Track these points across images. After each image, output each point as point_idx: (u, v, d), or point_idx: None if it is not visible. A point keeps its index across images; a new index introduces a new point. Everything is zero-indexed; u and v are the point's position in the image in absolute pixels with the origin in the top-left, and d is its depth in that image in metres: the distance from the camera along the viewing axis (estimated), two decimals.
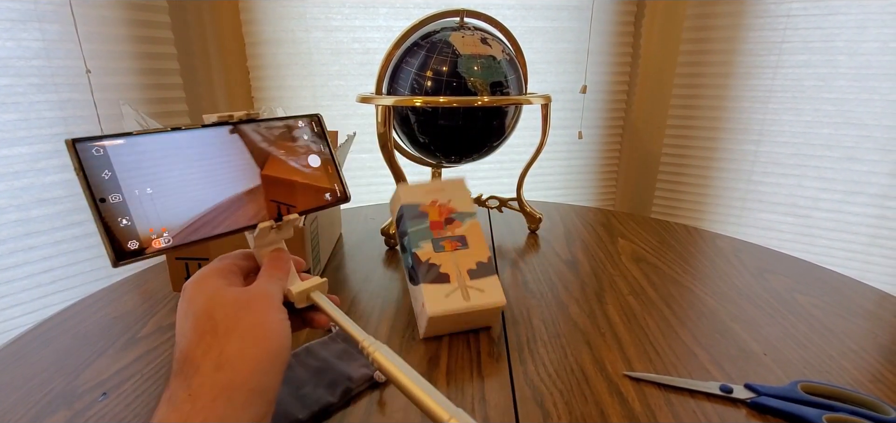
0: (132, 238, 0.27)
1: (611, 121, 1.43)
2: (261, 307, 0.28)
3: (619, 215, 0.84)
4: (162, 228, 0.28)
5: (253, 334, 0.26)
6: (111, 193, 0.27)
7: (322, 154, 0.36)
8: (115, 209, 0.27)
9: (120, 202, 0.27)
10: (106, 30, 0.96)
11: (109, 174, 0.27)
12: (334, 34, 1.20)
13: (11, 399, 0.38)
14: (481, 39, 0.62)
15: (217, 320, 0.26)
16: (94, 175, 0.27)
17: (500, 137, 0.67)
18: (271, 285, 0.30)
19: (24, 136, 0.89)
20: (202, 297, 0.27)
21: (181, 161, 0.29)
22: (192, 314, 0.27)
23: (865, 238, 1.22)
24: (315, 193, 0.35)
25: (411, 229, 0.48)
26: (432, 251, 0.47)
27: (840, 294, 0.55)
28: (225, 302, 0.27)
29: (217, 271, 0.30)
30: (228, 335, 0.25)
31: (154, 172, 0.28)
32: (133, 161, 0.28)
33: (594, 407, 0.37)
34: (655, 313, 0.51)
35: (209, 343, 0.25)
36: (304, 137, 0.35)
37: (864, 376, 0.41)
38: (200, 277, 0.29)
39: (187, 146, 0.30)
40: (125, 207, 0.27)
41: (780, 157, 1.26)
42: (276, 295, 0.29)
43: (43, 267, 0.94)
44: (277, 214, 0.33)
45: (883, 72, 1.11)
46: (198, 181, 0.30)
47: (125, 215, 0.27)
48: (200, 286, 0.28)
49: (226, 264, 0.31)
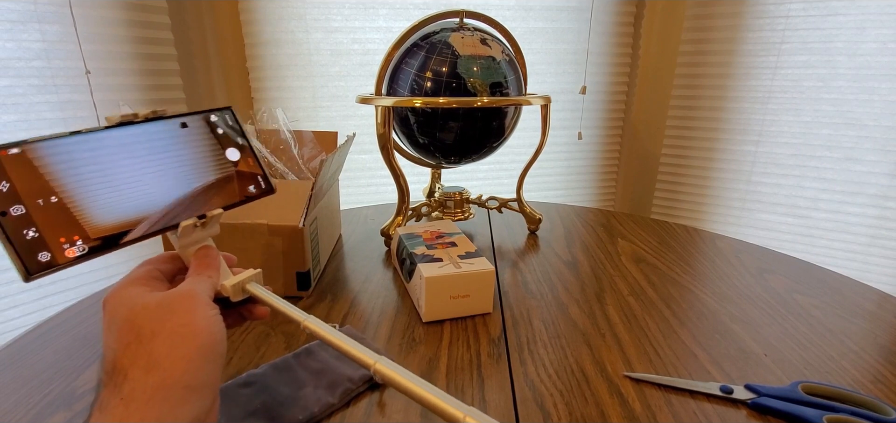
0: (42, 250, 0.25)
1: (610, 121, 1.43)
2: (186, 308, 0.26)
3: (618, 216, 0.84)
4: (74, 236, 0.27)
5: (180, 334, 0.25)
6: (11, 206, 0.25)
7: (241, 147, 0.35)
8: (17, 222, 0.25)
9: (22, 214, 0.25)
10: (106, 31, 0.96)
11: (7, 186, 0.25)
12: (334, 35, 1.20)
13: (11, 400, 0.38)
14: (481, 40, 0.62)
15: (140, 326, 0.25)
16: None
17: (500, 137, 0.67)
18: (197, 283, 0.29)
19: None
20: (123, 307, 0.26)
21: (89, 165, 0.28)
22: (115, 326, 0.26)
23: (865, 239, 1.22)
24: (238, 186, 0.34)
25: (408, 243, 0.55)
26: (426, 251, 0.53)
27: (840, 295, 0.55)
28: (147, 308, 0.26)
29: (137, 279, 0.28)
30: (154, 339, 0.24)
31: (58, 179, 0.27)
32: (32, 170, 0.26)
33: (594, 408, 0.37)
34: (655, 314, 0.51)
35: (135, 351, 0.24)
36: (220, 130, 0.35)
37: (865, 376, 0.41)
38: (119, 287, 0.28)
39: (95, 149, 0.29)
40: (28, 218, 0.25)
41: (779, 157, 1.26)
42: (202, 293, 0.28)
43: None
44: (201, 211, 0.32)
45: (882, 72, 1.11)
46: (111, 184, 0.29)
47: (30, 227, 0.25)
48: (120, 297, 0.27)
49: (146, 270, 0.30)
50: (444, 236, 0.57)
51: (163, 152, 0.31)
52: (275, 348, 0.44)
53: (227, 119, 0.35)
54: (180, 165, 0.32)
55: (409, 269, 0.52)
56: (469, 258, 0.50)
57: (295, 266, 0.52)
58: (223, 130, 0.35)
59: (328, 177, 0.59)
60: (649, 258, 0.65)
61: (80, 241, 0.27)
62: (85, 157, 0.28)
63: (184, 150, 0.32)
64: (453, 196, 0.75)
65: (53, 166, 0.27)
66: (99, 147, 0.29)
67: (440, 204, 0.75)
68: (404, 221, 0.67)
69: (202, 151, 0.33)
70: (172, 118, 0.33)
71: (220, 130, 0.35)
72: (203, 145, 0.33)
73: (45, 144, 0.27)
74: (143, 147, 0.31)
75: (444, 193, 0.75)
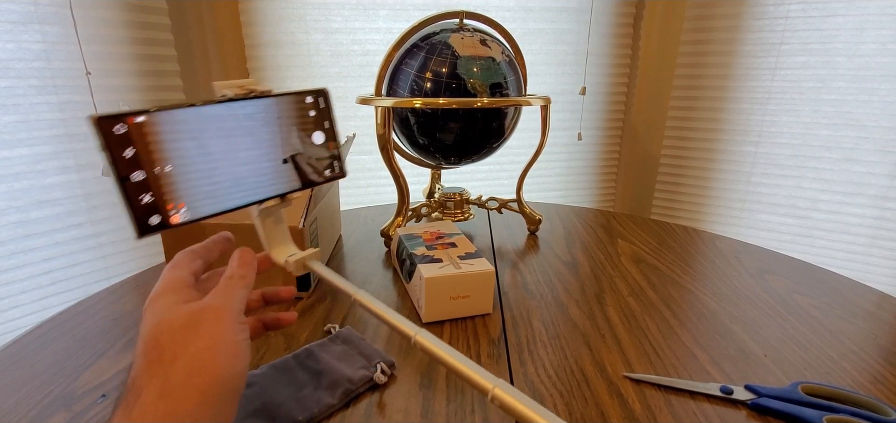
0: (154, 214, 0.28)
1: (610, 122, 1.44)
2: (213, 328, 0.26)
3: (618, 217, 0.84)
4: (180, 203, 0.29)
5: (201, 362, 0.24)
6: (134, 171, 0.28)
7: (326, 131, 0.37)
8: (137, 187, 0.28)
9: (142, 180, 0.28)
10: (106, 32, 0.96)
11: (132, 152, 0.28)
12: (334, 36, 1.20)
13: (11, 401, 0.38)
14: (481, 41, 0.62)
15: (163, 345, 0.25)
16: (118, 154, 0.27)
17: (500, 138, 0.67)
18: (230, 293, 0.28)
19: (24, 137, 0.89)
20: (150, 321, 0.26)
21: (198, 136, 0.31)
22: (142, 339, 0.26)
23: (865, 239, 1.22)
24: (318, 168, 0.36)
25: (408, 244, 0.55)
26: (426, 251, 0.53)
27: (840, 295, 0.55)
28: (172, 325, 0.25)
29: (168, 287, 0.28)
30: (174, 362, 0.24)
31: (173, 149, 0.29)
32: (153, 138, 0.29)
33: (594, 408, 0.37)
34: (655, 315, 0.51)
35: (154, 370, 0.24)
36: (311, 113, 0.37)
37: (864, 377, 0.41)
38: (154, 296, 0.28)
39: (204, 121, 0.31)
40: (147, 184, 0.28)
41: (779, 158, 1.26)
42: (233, 308, 0.27)
43: (42, 268, 0.94)
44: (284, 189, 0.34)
45: (881, 73, 1.11)
46: (212, 156, 0.31)
47: (147, 192, 0.28)
48: (151, 309, 0.27)
49: (177, 275, 0.29)
50: (444, 236, 0.57)
51: (261, 128, 0.34)
52: (275, 349, 0.44)
53: (320, 101, 0.37)
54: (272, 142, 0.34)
55: (409, 269, 0.52)
56: (469, 259, 0.50)
57: None
58: (314, 112, 0.37)
59: None
60: (649, 259, 0.65)
61: (184, 209, 0.30)
62: (196, 128, 0.31)
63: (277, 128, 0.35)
64: (453, 197, 0.75)
65: (170, 135, 0.30)
66: (208, 119, 0.31)
67: (440, 205, 0.75)
68: (404, 221, 0.67)
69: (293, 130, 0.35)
70: (273, 97, 0.35)
71: (312, 113, 0.37)
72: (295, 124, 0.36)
73: (168, 113, 0.29)
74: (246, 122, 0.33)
75: (444, 194, 0.75)
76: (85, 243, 0.99)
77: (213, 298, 0.28)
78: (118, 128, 0.28)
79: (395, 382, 0.40)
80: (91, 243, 0.99)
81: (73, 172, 0.95)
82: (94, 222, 0.99)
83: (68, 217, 0.96)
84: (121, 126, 0.28)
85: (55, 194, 0.94)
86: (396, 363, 0.42)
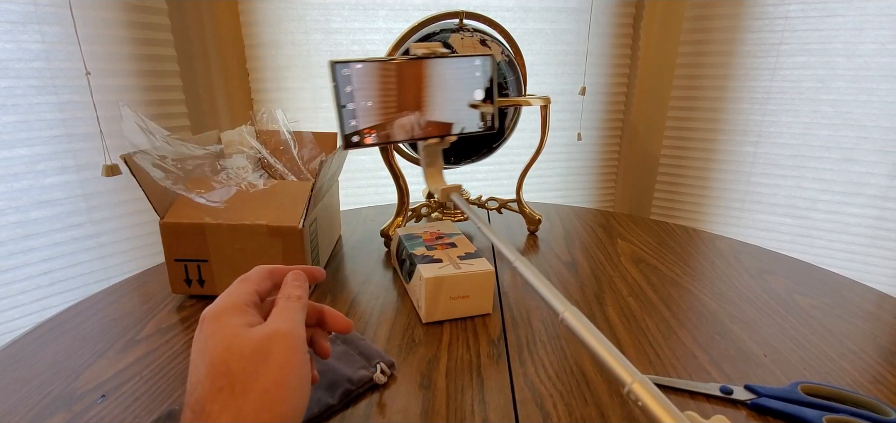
0: (355, 134, 0.43)
1: (610, 122, 1.44)
2: (281, 358, 0.26)
3: (618, 217, 0.84)
4: (371, 130, 0.43)
5: (270, 398, 0.25)
6: (349, 102, 0.41)
7: (487, 90, 0.49)
8: (349, 114, 0.42)
9: (353, 108, 0.42)
10: (106, 32, 0.96)
11: (350, 89, 0.41)
12: (334, 36, 1.20)
13: (10, 402, 0.38)
14: (480, 41, 0.62)
15: (234, 373, 0.25)
16: (341, 88, 0.41)
17: (500, 138, 0.67)
18: (294, 316, 0.29)
19: (23, 138, 0.88)
20: (219, 343, 0.26)
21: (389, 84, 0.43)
22: (208, 359, 0.26)
23: (864, 239, 1.22)
24: (475, 119, 0.49)
25: (408, 244, 0.55)
26: (426, 251, 0.53)
27: (839, 295, 0.55)
28: (242, 352, 0.25)
29: (234, 307, 0.28)
30: (245, 394, 0.24)
31: (374, 90, 0.43)
32: (363, 81, 0.41)
33: (594, 409, 0.37)
34: (655, 315, 0.51)
35: (226, 401, 0.24)
36: (477, 73, 0.48)
37: (864, 377, 0.41)
38: (218, 312, 0.28)
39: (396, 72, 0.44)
40: (355, 112, 0.42)
41: (778, 158, 1.26)
42: (300, 334, 0.28)
43: (42, 269, 0.94)
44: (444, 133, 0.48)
45: (881, 73, 1.11)
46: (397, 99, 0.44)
47: (354, 118, 0.42)
48: (218, 325, 0.27)
49: (244, 293, 0.29)
50: (444, 236, 0.57)
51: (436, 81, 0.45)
52: None
53: (486, 65, 0.48)
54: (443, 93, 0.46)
55: (409, 270, 0.52)
56: (469, 259, 0.50)
57: None
58: (480, 74, 0.48)
59: (328, 178, 0.59)
60: (649, 259, 0.65)
61: (375, 134, 0.44)
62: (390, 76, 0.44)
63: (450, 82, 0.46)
64: None
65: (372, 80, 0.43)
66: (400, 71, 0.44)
67: (440, 205, 0.75)
68: (404, 221, 0.67)
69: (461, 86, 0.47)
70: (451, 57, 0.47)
71: (478, 74, 0.48)
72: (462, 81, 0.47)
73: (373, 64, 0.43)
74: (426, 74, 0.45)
75: None
76: (84, 244, 0.99)
77: (281, 322, 0.28)
78: (345, 70, 0.40)
79: (394, 382, 0.40)
80: (91, 243, 0.99)
81: (72, 173, 0.95)
82: (93, 222, 0.99)
83: (68, 217, 0.96)
84: (346, 68, 0.40)
85: (55, 195, 0.94)
86: (396, 363, 0.42)
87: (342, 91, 0.40)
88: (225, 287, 0.30)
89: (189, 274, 0.52)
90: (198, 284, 0.52)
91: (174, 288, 0.53)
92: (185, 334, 0.47)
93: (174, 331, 0.47)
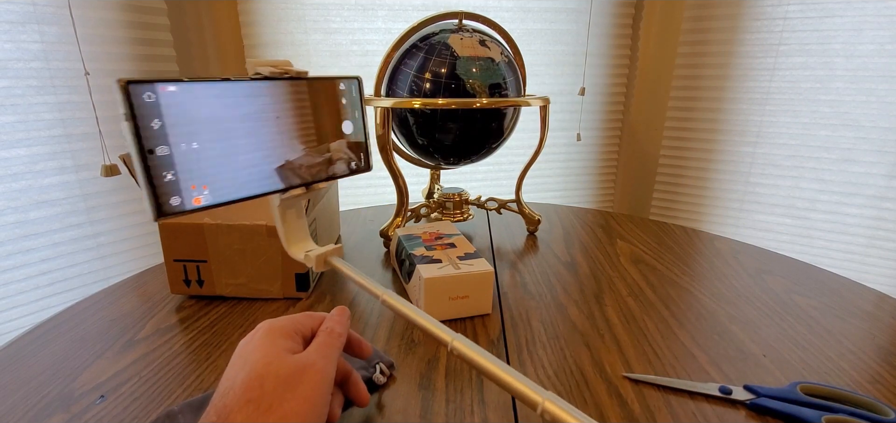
0: (175, 194, 0.26)
1: (609, 123, 1.44)
2: (307, 391, 0.27)
3: (617, 217, 0.84)
4: (203, 185, 0.27)
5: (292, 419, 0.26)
6: (159, 145, 0.25)
7: (355, 121, 0.36)
8: (161, 163, 0.25)
9: (167, 155, 0.25)
10: (105, 32, 0.96)
11: (159, 124, 0.25)
12: (333, 36, 1.20)
13: (9, 402, 0.37)
14: (480, 41, 0.62)
15: (266, 390, 0.26)
16: (145, 123, 0.25)
17: (499, 138, 0.67)
18: (330, 353, 0.30)
19: (22, 137, 0.88)
20: (262, 358, 0.28)
21: (225, 115, 0.28)
22: (249, 369, 0.27)
23: (863, 239, 1.22)
24: (345, 159, 0.35)
25: (407, 244, 0.55)
26: (425, 252, 0.53)
27: (838, 295, 0.55)
28: (278, 373, 0.27)
29: (285, 331, 0.30)
30: (268, 414, 0.26)
31: (200, 125, 0.27)
32: (181, 111, 0.26)
33: (594, 409, 0.37)
34: (654, 315, 0.51)
35: (250, 414, 0.25)
36: (343, 100, 0.35)
37: (863, 377, 0.41)
38: (273, 329, 0.30)
39: (233, 98, 0.29)
40: (171, 160, 0.26)
41: (777, 158, 1.26)
42: (331, 371, 0.29)
43: (41, 269, 0.94)
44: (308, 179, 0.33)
45: (879, 74, 1.12)
46: (239, 136, 0.29)
47: (170, 170, 0.26)
48: (270, 339, 0.29)
49: (297, 325, 0.31)
50: (444, 237, 0.57)
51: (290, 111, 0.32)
52: None
53: (352, 90, 0.35)
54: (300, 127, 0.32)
55: (409, 270, 0.52)
56: (468, 259, 0.50)
57: (294, 268, 0.52)
58: (346, 101, 0.35)
59: None
60: (648, 259, 0.65)
61: (207, 191, 0.27)
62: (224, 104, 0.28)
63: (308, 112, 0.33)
64: (452, 197, 0.75)
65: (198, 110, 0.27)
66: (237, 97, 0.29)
67: (439, 205, 0.75)
68: (403, 222, 0.67)
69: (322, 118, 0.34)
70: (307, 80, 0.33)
71: (344, 100, 0.35)
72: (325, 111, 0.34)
73: (197, 85, 0.27)
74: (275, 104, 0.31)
75: (444, 195, 0.75)
76: (83, 244, 0.98)
77: (318, 356, 0.29)
78: (148, 95, 0.24)
79: (394, 382, 0.40)
80: (89, 243, 0.99)
81: (71, 173, 0.95)
82: (92, 222, 0.99)
83: (67, 218, 0.96)
84: (150, 94, 0.25)
85: (53, 195, 0.93)
86: (396, 364, 0.42)
87: (146, 129, 0.25)
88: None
89: (188, 274, 0.52)
90: (197, 284, 0.52)
91: (173, 288, 0.53)
92: (184, 334, 0.47)
93: (173, 331, 0.47)
